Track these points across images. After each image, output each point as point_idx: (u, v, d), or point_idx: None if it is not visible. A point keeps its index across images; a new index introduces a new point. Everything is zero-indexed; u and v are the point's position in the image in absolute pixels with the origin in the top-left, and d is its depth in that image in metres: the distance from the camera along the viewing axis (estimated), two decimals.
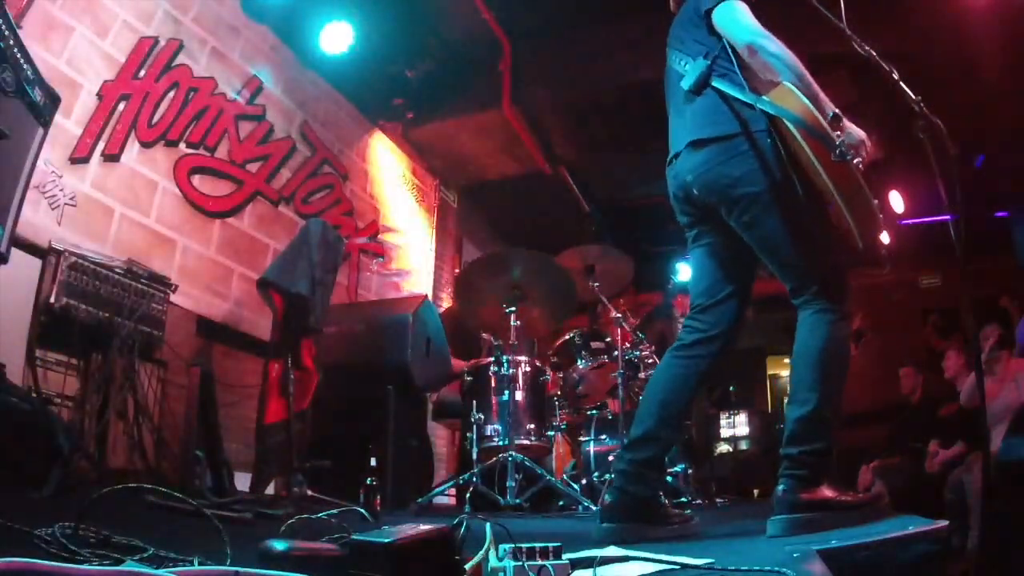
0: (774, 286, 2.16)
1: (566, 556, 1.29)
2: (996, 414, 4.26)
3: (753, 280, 2.26)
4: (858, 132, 2.00)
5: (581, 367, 4.48)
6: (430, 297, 5.43)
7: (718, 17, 2.11)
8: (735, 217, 2.09)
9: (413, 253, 6.30)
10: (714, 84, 2.09)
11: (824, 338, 1.98)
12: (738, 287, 2.21)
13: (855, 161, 1.94)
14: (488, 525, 1.40)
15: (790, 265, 2.06)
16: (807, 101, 1.94)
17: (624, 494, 2.09)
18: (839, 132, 1.95)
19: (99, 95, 3.52)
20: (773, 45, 2.03)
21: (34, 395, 2.86)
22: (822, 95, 2.00)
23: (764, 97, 2.01)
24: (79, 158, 3.40)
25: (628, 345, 4.27)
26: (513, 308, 3.95)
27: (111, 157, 3.57)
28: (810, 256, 2.03)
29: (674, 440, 2.20)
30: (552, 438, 4.17)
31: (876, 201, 2.00)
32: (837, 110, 1.97)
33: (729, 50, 2.11)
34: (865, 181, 1.97)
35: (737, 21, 2.07)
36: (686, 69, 2.18)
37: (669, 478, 3.99)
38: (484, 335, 4.71)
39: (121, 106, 3.63)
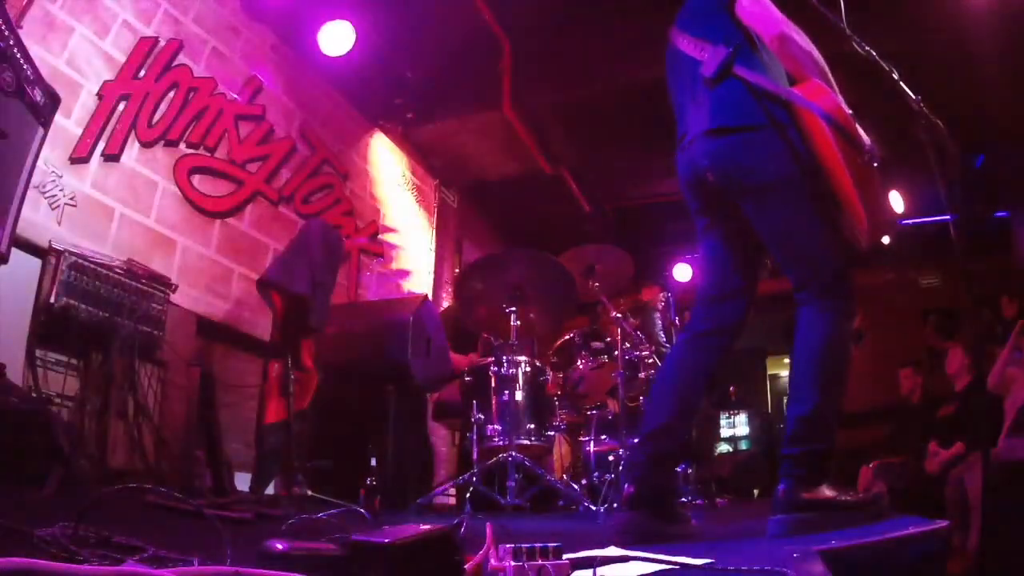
0: (774, 286, 2.16)
1: (566, 556, 1.29)
2: (1014, 403, 4.23)
3: (758, 279, 2.25)
4: (865, 134, 2.01)
5: (581, 367, 4.49)
6: (430, 297, 5.43)
7: (744, 5, 2.09)
8: (749, 205, 2.07)
9: (413, 253, 6.30)
10: (737, 72, 2.07)
11: (825, 335, 1.97)
12: (746, 285, 2.20)
13: (874, 163, 1.95)
14: (488, 525, 1.40)
15: (799, 257, 2.05)
16: (837, 98, 1.94)
17: (646, 484, 2.08)
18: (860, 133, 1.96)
19: (99, 95, 3.52)
20: (801, 39, 2.02)
21: (34, 395, 2.86)
22: (840, 96, 2.00)
23: (794, 90, 2.00)
24: (79, 158, 3.40)
25: (628, 345, 4.27)
26: (513, 308, 3.95)
27: (111, 157, 3.57)
28: (820, 250, 2.02)
29: (688, 433, 2.20)
30: (552, 438, 4.17)
31: (884, 200, 2.00)
32: (851, 111, 1.97)
33: (754, 40, 2.10)
34: (877, 179, 1.98)
35: (766, 11, 2.06)
36: (704, 55, 2.16)
37: None
38: (484, 335, 4.71)
39: (121, 106, 3.63)
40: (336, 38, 4.85)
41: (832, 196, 1.98)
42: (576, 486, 4.07)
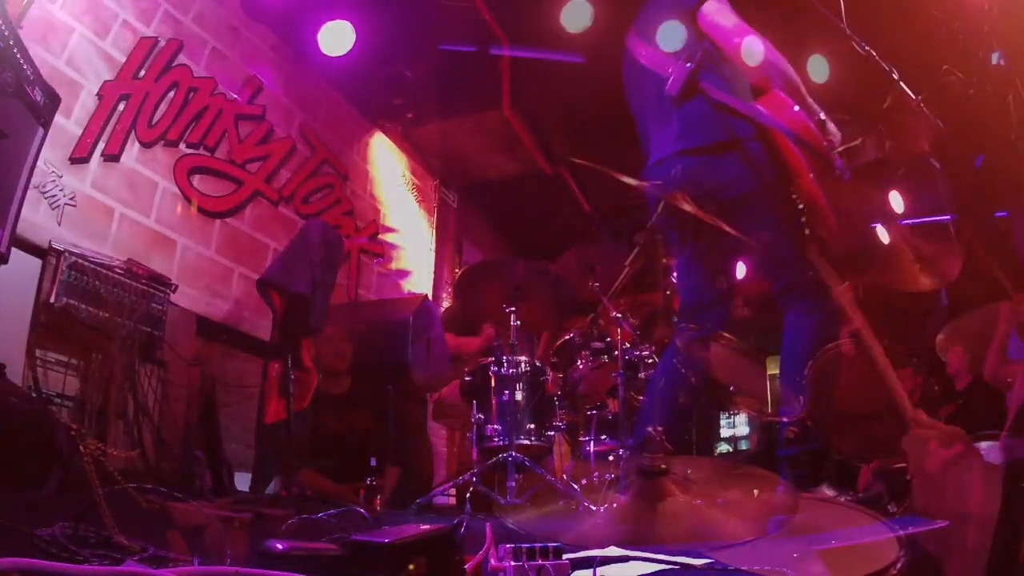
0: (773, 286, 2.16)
1: (566, 556, 1.29)
2: (1015, 400, 4.21)
3: (735, 283, 2.28)
4: (838, 135, 2.01)
5: (581, 367, 4.48)
6: (430, 297, 5.43)
7: (708, 16, 2.09)
8: (724, 219, 2.09)
9: (413, 253, 6.30)
10: (702, 88, 2.08)
11: (811, 336, 1.99)
12: (724, 291, 2.23)
13: (846, 174, 1.96)
14: (488, 525, 1.40)
15: (778, 264, 2.07)
16: (800, 109, 1.95)
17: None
18: (829, 138, 1.96)
19: (99, 95, 3.52)
20: (767, 49, 2.03)
21: (34, 395, 2.86)
22: (809, 99, 2.01)
23: (758, 105, 2.02)
24: (79, 158, 3.40)
25: (628, 345, 4.27)
26: (513, 308, 3.95)
27: (111, 157, 3.57)
28: (797, 256, 2.04)
29: (683, 439, 2.24)
30: (552, 438, 4.16)
31: (864, 204, 2.02)
32: (823, 115, 1.99)
33: (715, 51, 2.10)
34: (852, 184, 1.99)
35: (729, 23, 2.06)
36: (667, 71, 2.16)
37: None
38: (487, 326, 4.71)
39: (121, 106, 3.63)
40: (336, 38, 4.85)
41: (804, 204, 1.99)
42: (576, 486, 4.07)
